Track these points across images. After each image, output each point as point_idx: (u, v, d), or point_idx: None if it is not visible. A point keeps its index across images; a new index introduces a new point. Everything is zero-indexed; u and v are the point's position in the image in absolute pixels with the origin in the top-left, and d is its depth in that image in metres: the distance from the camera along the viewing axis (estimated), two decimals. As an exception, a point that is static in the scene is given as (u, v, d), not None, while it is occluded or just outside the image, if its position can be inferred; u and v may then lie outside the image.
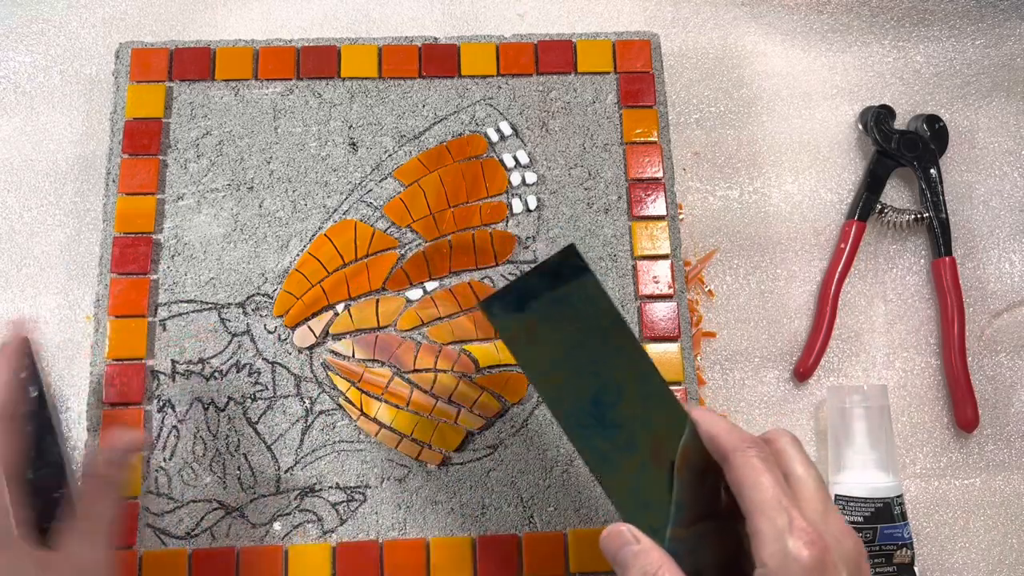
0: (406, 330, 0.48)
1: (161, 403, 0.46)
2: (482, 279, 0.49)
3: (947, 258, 0.53)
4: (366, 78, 0.52)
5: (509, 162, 0.51)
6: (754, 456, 0.33)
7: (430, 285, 0.49)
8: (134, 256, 0.48)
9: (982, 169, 0.56)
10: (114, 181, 0.50)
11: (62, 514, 0.46)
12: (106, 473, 0.38)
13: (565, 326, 0.37)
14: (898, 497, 0.46)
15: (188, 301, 0.48)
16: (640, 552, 0.33)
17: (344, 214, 0.50)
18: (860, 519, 0.46)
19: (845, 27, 0.59)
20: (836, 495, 0.47)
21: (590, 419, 0.36)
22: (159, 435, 0.46)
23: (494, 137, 0.51)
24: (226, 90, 0.52)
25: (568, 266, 0.37)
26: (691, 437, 0.35)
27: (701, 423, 0.35)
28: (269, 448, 0.46)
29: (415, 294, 0.49)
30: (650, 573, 0.32)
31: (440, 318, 0.48)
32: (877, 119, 0.55)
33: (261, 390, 0.47)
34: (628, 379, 0.36)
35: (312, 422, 0.47)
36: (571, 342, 0.36)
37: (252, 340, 0.48)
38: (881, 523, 0.46)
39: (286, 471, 0.46)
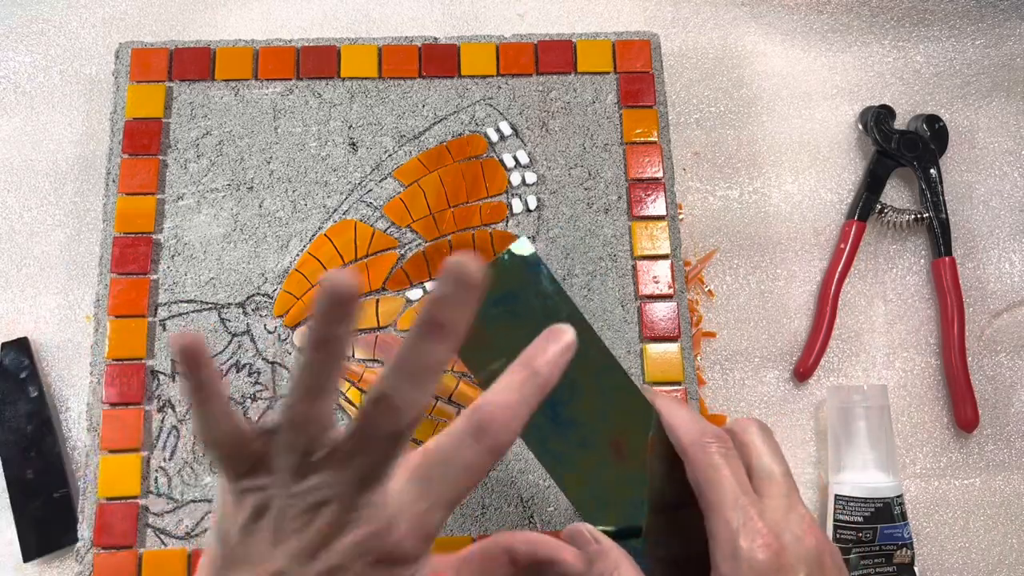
0: (406, 330, 0.48)
1: (161, 403, 0.46)
2: (482, 279, 0.49)
3: (947, 258, 0.53)
4: (366, 78, 0.52)
5: (509, 162, 0.51)
6: (714, 451, 0.32)
7: (430, 285, 0.49)
8: (134, 256, 0.48)
9: (982, 169, 0.56)
10: (114, 181, 0.50)
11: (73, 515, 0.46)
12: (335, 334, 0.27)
13: (514, 326, 0.35)
14: (898, 497, 0.46)
15: (188, 301, 0.48)
16: (598, 552, 0.32)
17: (344, 214, 0.50)
18: (860, 519, 0.46)
19: (845, 27, 0.59)
20: (836, 495, 0.47)
21: (543, 418, 0.34)
22: (159, 435, 0.46)
23: (494, 137, 0.51)
24: (226, 90, 0.52)
25: (518, 263, 0.35)
26: (658, 427, 0.34)
27: (663, 413, 0.34)
28: (269, 448, 0.46)
29: (415, 294, 0.49)
30: (606, 573, 0.31)
31: (440, 318, 0.48)
32: (877, 119, 0.55)
33: (261, 390, 0.47)
34: (584, 374, 0.34)
35: (312, 422, 0.46)
36: (521, 341, 0.33)
37: (252, 340, 0.48)
38: (881, 523, 0.46)
39: (286, 471, 0.46)
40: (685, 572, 0.33)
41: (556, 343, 0.30)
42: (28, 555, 0.46)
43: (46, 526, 0.46)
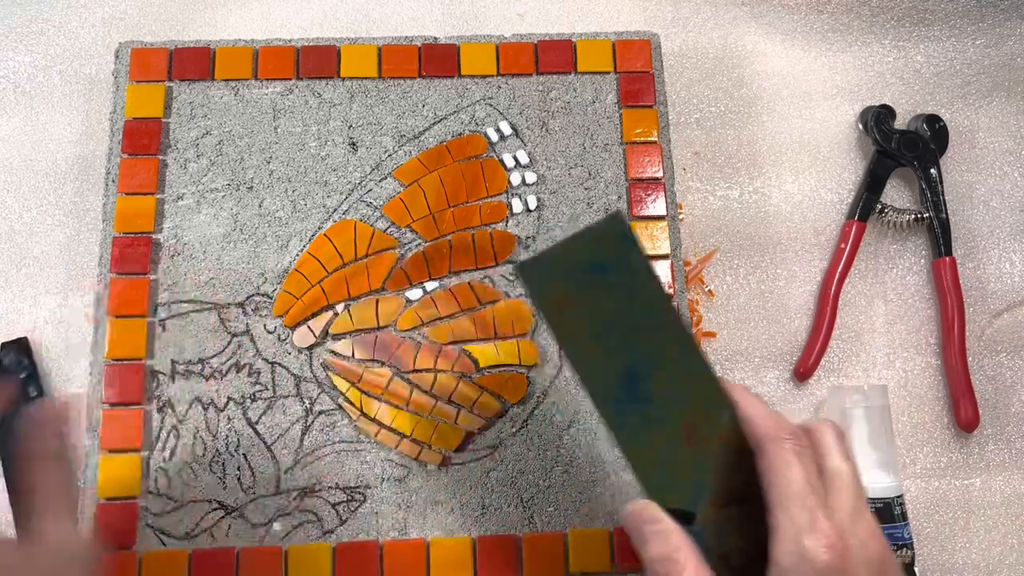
0: (406, 330, 0.48)
1: (161, 403, 0.46)
2: (482, 279, 0.49)
3: (947, 258, 0.53)
4: (366, 78, 0.52)
5: (509, 162, 0.51)
6: (789, 447, 0.32)
7: (430, 285, 0.49)
8: (134, 256, 0.48)
9: (982, 169, 0.56)
10: (114, 181, 0.50)
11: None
12: (42, 449, 0.36)
13: (603, 296, 0.35)
14: (898, 497, 0.46)
15: (188, 301, 0.48)
16: (661, 532, 0.32)
17: (344, 214, 0.50)
18: (860, 519, 0.46)
19: (845, 27, 0.59)
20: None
21: (621, 392, 0.35)
22: (159, 435, 0.46)
23: (494, 137, 0.51)
24: (226, 90, 0.52)
25: (613, 234, 0.36)
26: (730, 418, 0.34)
27: (740, 404, 0.34)
28: (269, 448, 0.46)
29: (415, 294, 0.49)
30: (667, 554, 0.31)
31: (440, 318, 0.48)
32: (877, 119, 0.55)
33: (261, 390, 0.47)
34: (665, 354, 0.35)
35: (312, 422, 0.46)
36: (608, 313, 0.35)
37: (252, 340, 0.48)
38: (881, 523, 0.46)
39: (286, 471, 0.46)
40: (730, 565, 0.33)
41: None
42: None
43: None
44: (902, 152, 0.54)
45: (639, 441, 0.34)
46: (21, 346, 0.49)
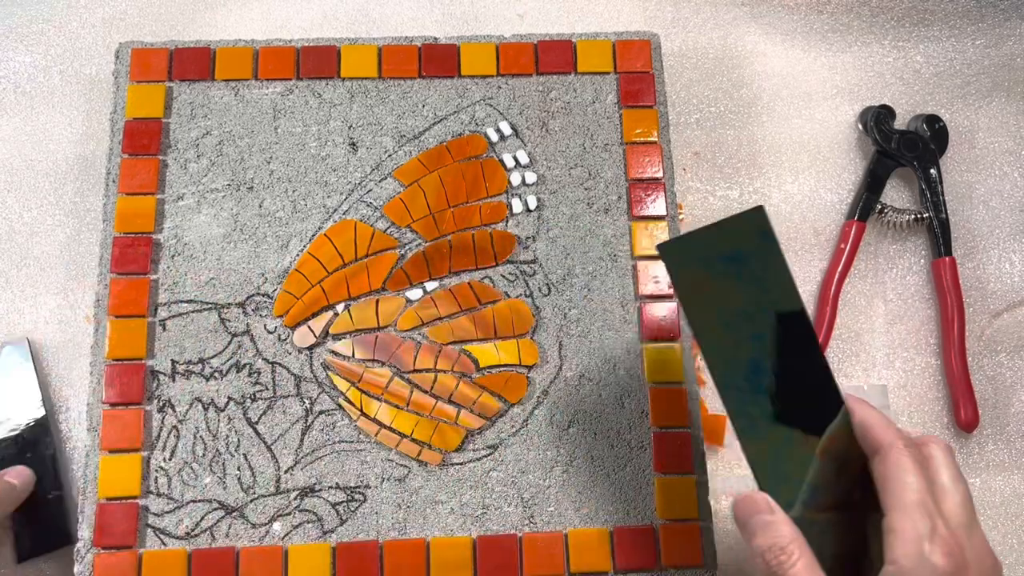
0: (406, 330, 0.48)
1: (161, 403, 0.46)
2: (482, 279, 0.49)
3: (947, 258, 0.53)
4: (366, 78, 0.52)
5: (509, 162, 0.51)
6: (907, 455, 0.32)
7: (430, 285, 0.49)
8: (134, 256, 0.48)
9: (982, 169, 0.56)
10: (114, 181, 0.50)
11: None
12: None
13: (737, 286, 0.36)
14: (898, 497, 0.46)
15: (188, 301, 0.48)
16: (773, 523, 0.32)
17: (344, 214, 0.50)
18: (860, 519, 0.46)
19: (845, 27, 0.59)
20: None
21: (745, 383, 0.36)
22: (159, 435, 0.46)
23: (494, 137, 0.51)
24: (226, 90, 0.52)
25: (754, 228, 0.37)
26: (841, 425, 0.35)
27: (857, 412, 0.35)
28: (269, 448, 0.46)
29: (415, 294, 0.49)
30: (780, 546, 0.32)
31: (440, 318, 0.48)
32: (877, 119, 0.55)
33: (261, 390, 0.47)
34: (790, 352, 0.36)
35: (312, 422, 0.47)
36: (740, 303, 0.36)
37: (252, 340, 0.48)
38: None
39: (286, 471, 0.46)
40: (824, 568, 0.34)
41: None
42: (22, 555, 0.46)
43: (40, 527, 0.46)
44: (902, 152, 0.54)
45: (758, 434, 0.35)
46: (21, 346, 0.49)
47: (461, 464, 0.46)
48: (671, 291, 0.49)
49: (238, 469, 0.46)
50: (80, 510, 0.44)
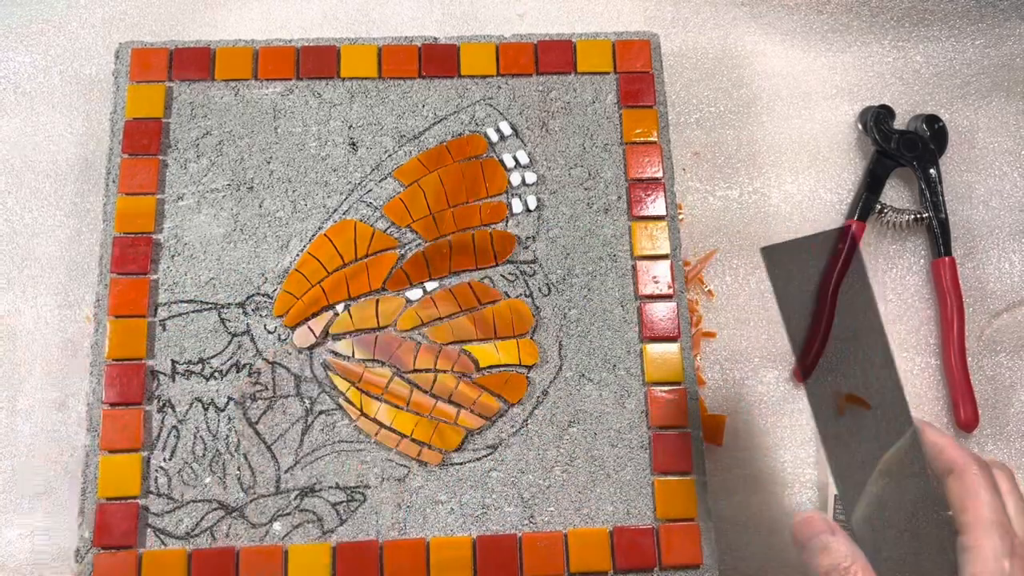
0: (406, 330, 0.48)
1: (161, 403, 0.46)
2: (482, 279, 0.49)
3: (947, 258, 0.53)
4: (366, 78, 0.52)
5: (509, 162, 0.51)
6: (981, 475, 0.33)
7: (430, 285, 0.49)
8: (134, 256, 0.48)
9: (982, 169, 0.56)
10: (114, 181, 0.50)
11: None
12: None
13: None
14: (898, 497, 0.46)
15: (188, 301, 0.48)
16: (833, 543, 0.33)
17: (344, 214, 0.50)
18: (860, 519, 0.46)
19: (845, 27, 0.59)
20: (836, 495, 0.47)
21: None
22: (159, 435, 0.46)
23: (494, 137, 0.51)
24: (226, 90, 0.52)
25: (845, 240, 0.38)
26: (907, 444, 0.35)
27: (928, 433, 0.35)
28: (269, 448, 0.46)
29: (415, 294, 0.49)
30: (842, 566, 0.32)
31: (440, 318, 0.48)
32: (877, 119, 0.55)
33: (261, 390, 0.47)
34: (864, 360, 0.37)
35: (312, 422, 0.47)
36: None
37: (252, 340, 0.48)
38: (881, 523, 0.46)
39: (286, 471, 0.46)
40: None
41: None
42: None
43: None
44: (901, 152, 0.54)
45: (839, 443, 0.35)
46: None
47: (461, 464, 0.46)
48: (671, 291, 0.49)
49: (238, 469, 0.46)
50: (80, 510, 0.45)
